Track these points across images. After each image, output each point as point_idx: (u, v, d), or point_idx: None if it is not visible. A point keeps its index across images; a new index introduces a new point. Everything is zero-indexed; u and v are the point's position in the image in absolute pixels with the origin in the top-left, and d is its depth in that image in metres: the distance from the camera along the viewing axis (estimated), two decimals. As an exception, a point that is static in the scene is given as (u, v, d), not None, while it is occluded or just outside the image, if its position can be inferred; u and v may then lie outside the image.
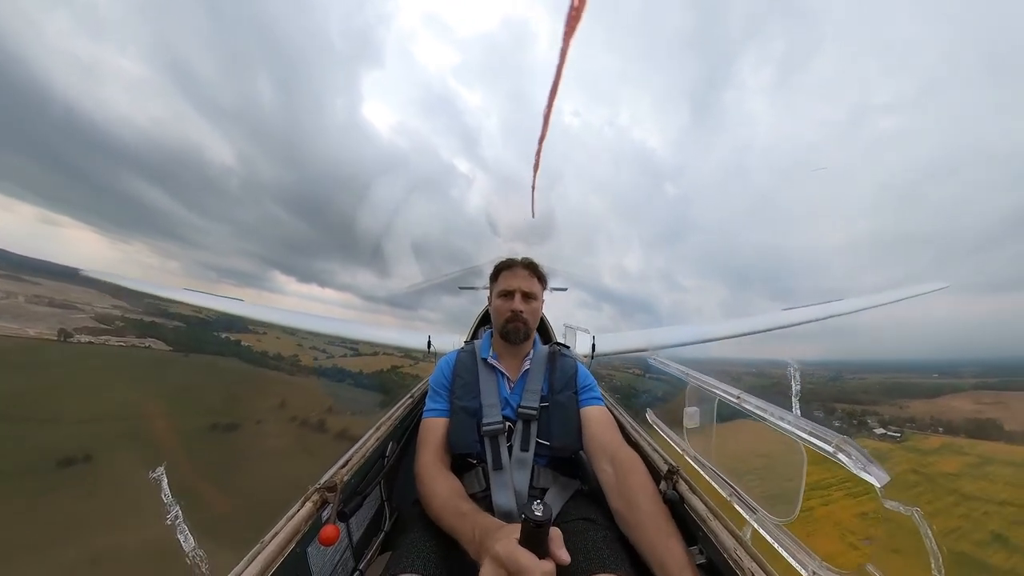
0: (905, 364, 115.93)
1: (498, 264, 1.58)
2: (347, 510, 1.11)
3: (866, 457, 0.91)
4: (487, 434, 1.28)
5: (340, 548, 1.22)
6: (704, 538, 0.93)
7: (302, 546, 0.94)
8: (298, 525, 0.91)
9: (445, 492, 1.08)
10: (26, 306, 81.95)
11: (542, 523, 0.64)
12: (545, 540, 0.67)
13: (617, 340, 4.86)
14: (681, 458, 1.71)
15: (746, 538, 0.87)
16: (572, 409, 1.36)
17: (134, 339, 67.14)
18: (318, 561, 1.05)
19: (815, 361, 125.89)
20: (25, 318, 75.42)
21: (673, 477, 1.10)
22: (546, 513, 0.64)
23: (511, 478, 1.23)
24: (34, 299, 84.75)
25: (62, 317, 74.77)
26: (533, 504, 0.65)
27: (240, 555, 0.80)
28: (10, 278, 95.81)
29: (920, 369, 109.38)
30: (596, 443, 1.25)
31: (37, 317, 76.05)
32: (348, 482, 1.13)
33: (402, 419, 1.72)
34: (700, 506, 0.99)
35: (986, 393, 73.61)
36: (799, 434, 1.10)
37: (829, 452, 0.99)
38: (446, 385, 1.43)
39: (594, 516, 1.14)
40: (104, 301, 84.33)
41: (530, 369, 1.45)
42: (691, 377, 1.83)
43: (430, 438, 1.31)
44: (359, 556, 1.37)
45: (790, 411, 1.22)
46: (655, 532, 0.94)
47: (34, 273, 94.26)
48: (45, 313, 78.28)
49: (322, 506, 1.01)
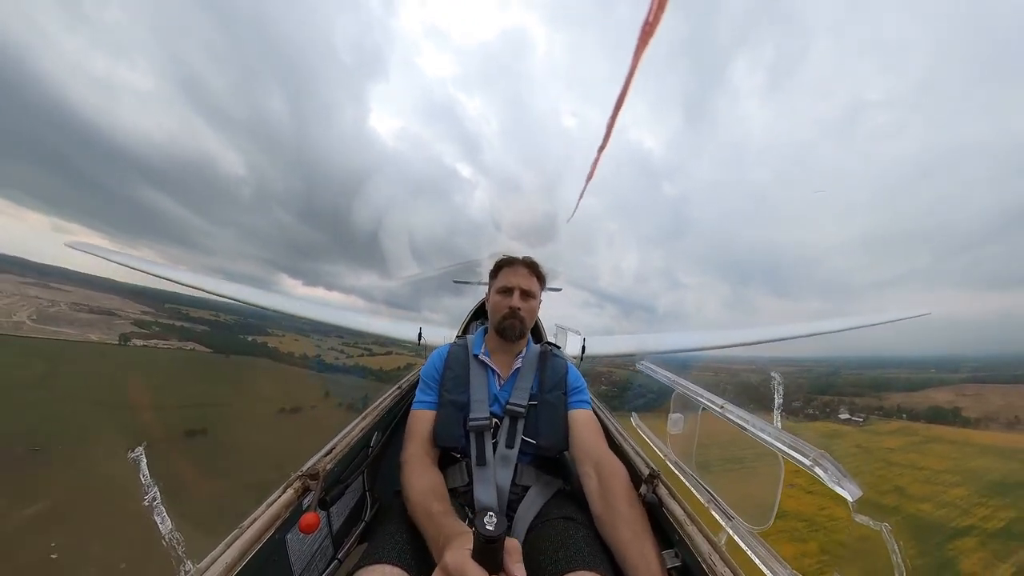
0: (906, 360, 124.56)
1: (499, 261, 1.57)
2: (328, 498, 1.11)
3: (841, 472, 0.93)
4: (473, 429, 1.28)
5: (320, 536, 1.22)
6: (680, 542, 0.95)
7: (281, 533, 0.93)
8: (278, 511, 0.91)
9: (421, 489, 1.07)
10: (74, 314, 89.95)
11: (493, 539, 0.59)
12: (498, 555, 0.62)
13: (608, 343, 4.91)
14: (663, 463, 1.73)
15: (721, 544, 0.89)
16: (561, 409, 1.37)
17: (176, 342, 77.16)
18: (297, 548, 1.05)
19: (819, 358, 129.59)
20: (79, 324, 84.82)
21: (654, 481, 1.12)
22: (498, 529, 0.59)
23: (494, 474, 1.24)
24: (74, 306, 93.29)
25: (108, 323, 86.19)
26: (486, 517, 0.60)
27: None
28: (39, 285, 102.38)
29: (919, 366, 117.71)
30: (581, 446, 1.27)
31: (87, 323, 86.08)
32: (331, 470, 1.12)
33: (389, 409, 1.72)
34: (678, 510, 1.01)
35: (970, 386, 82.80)
36: (778, 446, 1.13)
37: (807, 465, 1.01)
38: (436, 378, 1.43)
39: (575, 515, 1.15)
40: (132, 307, 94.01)
41: (521, 367, 1.46)
42: (677, 384, 1.85)
43: (418, 429, 1.32)
44: (338, 545, 1.37)
45: (771, 424, 1.24)
46: (630, 534, 0.97)
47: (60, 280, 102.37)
48: (92, 320, 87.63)
49: (303, 493, 1.01)
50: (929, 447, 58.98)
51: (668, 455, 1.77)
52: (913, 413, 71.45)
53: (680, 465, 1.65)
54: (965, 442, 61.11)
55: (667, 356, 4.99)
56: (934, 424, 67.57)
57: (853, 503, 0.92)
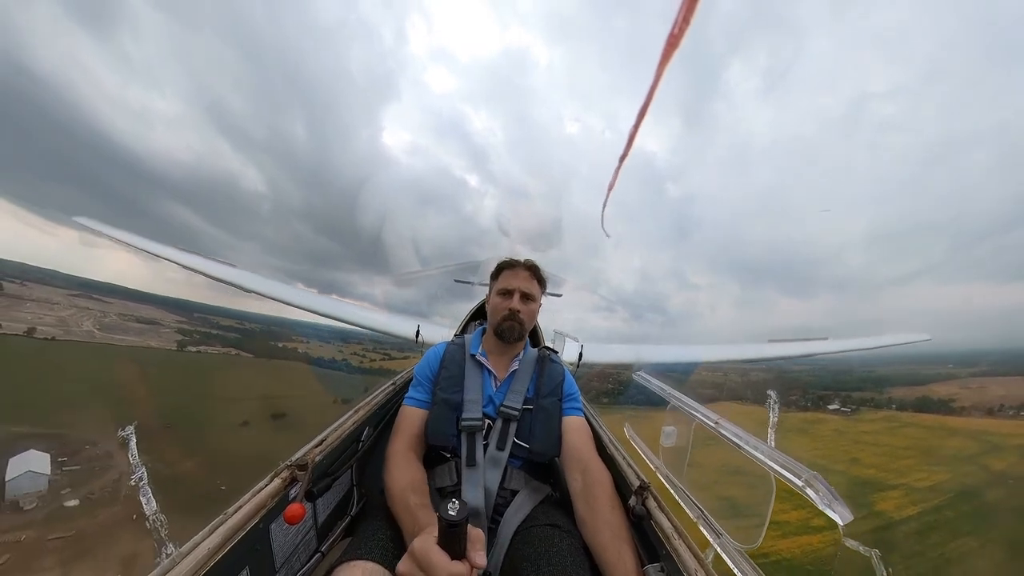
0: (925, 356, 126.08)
1: (501, 263, 1.58)
2: (315, 490, 1.10)
3: (833, 494, 0.92)
4: (465, 429, 1.28)
5: (304, 528, 1.21)
6: (667, 556, 0.93)
7: (265, 522, 0.93)
8: (264, 500, 0.90)
9: (402, 483, 1.09)
10: (125, 323, 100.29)
11: (456, 523, 0.61)
12: (461, 540, 0.64)
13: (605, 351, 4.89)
14: (653, 475, 1.72)
15: (708, 561, 0.88)
16: (556, 415, 1.37)
17: (221, 348, 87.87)
18: (280, 539, 1.04)
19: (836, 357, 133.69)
20: (134, 333, 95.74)
21: (643, 493, 1.11)
22: (461, 513, 0.62)
23: (483, 476, 1.23)
24: (122, 316, 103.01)
25: (156, 331, 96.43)
26: (449, 503, 0.62)
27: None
28: (84, 297, 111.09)
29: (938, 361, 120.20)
30: (572, 453, 1.29)
31: (139, 332, 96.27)
32: (320, 462, 1.12)
33: (382, 405, 1.71)
34: (666, 524, 0.99)
35: (976, 380, 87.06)
36: (771, 465, 1.11)
37: (798, 486, 1.00)
38: (431, 376, 1.43)
39: (561, 523, 1.14)
40: (169, 316, 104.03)
41: (518, 370, 1.45)
42: (672, 397, 1.84)
43: (406, 426, 1.32)
44: (322, 538, 1.36)
45: (764, 441, 1.23)
46: (609, 535, 1.02)
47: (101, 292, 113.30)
48: (141, 328, 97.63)
49: (290, 484, 1.00)
50: (902, 430, 62.67)
51: (659, 467, 1.76)
52: (903, 404, 74.58)
53: (671, 478, 1.64)
54: (940, 427, 64.55)
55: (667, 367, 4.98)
56: (920, 413, 71.15)
57: (843, 527, 0.91)
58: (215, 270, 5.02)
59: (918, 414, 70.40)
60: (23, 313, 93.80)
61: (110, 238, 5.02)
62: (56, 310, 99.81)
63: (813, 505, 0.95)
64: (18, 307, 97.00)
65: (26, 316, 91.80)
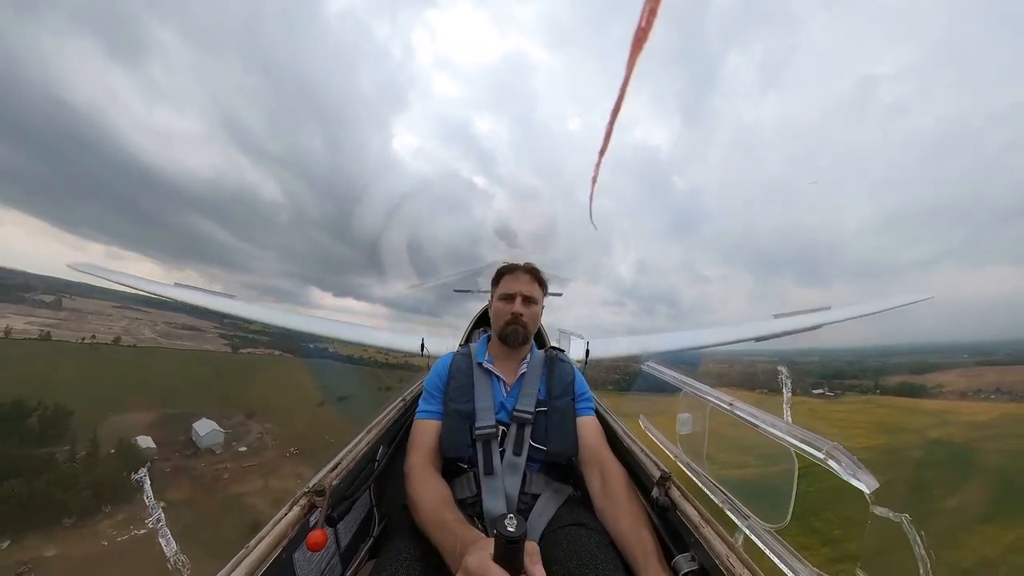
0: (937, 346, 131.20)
1: (500, 268, 1.58)
2: (335, 515, 1.09)
3: (856, 464, 0.91)
4: (479, 438, 1.27)
5: (328, 554, 1.20)
6: (696, 544, 0.92)
7: (288, 552, 0.92)
8: (285, 530, 0.89)
9: (431, 500, 1.07)
10: (174, 330, 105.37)
11: (515, 539, 0.62)
12: (519, 556, 0.64)
13: (611, 346, 4.88)
14: (674, 464, 1.70)
15: (738, 544, 0.88)
16: (570, 415, 1.37)
17: (264, 349, 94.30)
18: (305, 567, 1.03)
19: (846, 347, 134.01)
20: (187, 339, 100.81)
21: (665, 483, 1.10)
22: (519, 529, 0.62)
23: (502, 483, 1.22)
24: (168, 324, 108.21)
25: (202, 336, 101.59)
26: (506, 519, 0.63)
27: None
28: (127, 307, 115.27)
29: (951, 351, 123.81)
30: (588, 452, 1.30)
31: (191, 338, 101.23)
32: (337, 486, 1.10)
33: (394, 422, 1.70)
34: (692, 512, 0.99)
35: (976, 369, 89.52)
36: (791, 441, 1.11)
37: (820, 459, 1.00)
38: (440, 387, 1.42)
39: (586, 521, 1.14)
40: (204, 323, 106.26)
41: (527, 373, 1.45)
42: (684, 384, 1.83)
43: (421, 439, 1.31)
44: (347, 562, 1.34)
45: (781, 419, 1.22)
46: (629, 523, 1.05)
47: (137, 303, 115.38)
48: (191, 335, 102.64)
49: (310, 511, 0.99)
50: (873, 410, 64.83)
51: (679, 456, 1.74)
52: (886, 389, 76.40)
53: (691, 466, 1.62)
54: (911, 408, 66.95)
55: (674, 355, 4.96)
56: (899, 397, 73.12)
57: (870, 495, 0.90)
58: (216, 303, 5.03)
59: (896, 397, 72.82)
60: (91, 325, 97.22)
61: (108, 280, 5.04)
62: (113, 320, 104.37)
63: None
64: (84, 320, 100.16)
65: (96, 327, 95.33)
